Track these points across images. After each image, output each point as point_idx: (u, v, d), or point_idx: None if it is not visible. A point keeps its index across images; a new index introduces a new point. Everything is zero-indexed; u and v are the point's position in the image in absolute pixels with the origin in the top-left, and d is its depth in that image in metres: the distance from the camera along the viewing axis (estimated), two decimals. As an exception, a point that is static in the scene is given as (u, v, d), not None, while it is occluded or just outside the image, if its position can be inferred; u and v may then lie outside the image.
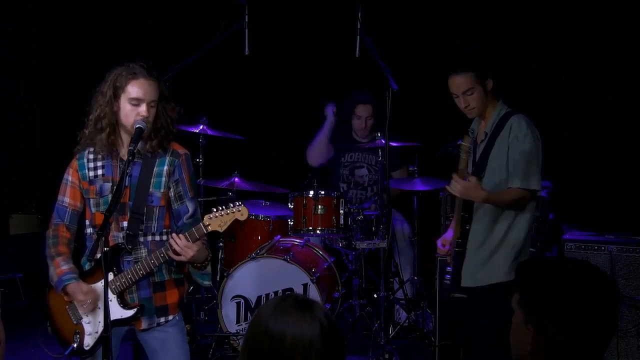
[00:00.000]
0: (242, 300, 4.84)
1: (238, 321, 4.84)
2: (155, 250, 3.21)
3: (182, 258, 3.15)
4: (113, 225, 3.26)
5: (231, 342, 4.84)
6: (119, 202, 3.14)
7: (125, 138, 3.28)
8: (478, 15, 5.87)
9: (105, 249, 3.02)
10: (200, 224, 3.14)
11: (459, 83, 3.65)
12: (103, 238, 3.00)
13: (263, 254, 4.85)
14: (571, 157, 5.69)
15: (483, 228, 3.70)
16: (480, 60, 3.72)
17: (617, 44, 5.49)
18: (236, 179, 5.22)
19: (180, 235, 3.13)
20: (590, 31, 5.54)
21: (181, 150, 3.36)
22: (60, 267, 3.26)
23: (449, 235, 3.83)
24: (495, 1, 5.85)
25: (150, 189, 3.27)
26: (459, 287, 3.77)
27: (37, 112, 7.05)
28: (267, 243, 5.02)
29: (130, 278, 3.21)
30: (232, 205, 3.17)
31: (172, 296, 3.35)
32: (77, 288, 3.21)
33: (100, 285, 3.24)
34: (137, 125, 3.19)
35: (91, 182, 3.31)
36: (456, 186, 3.55)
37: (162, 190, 3.29)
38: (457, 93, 3.67)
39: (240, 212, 3.16)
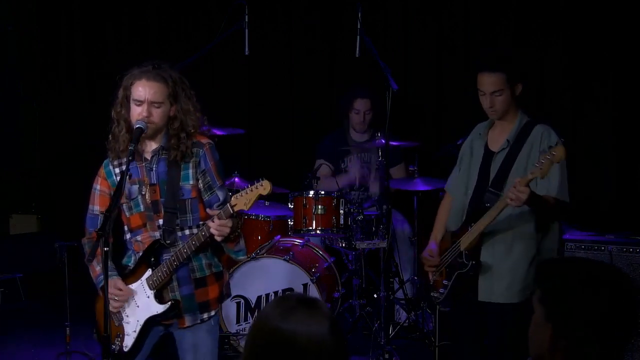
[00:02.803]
0: (242, 300, 4.84)
1: (238, 321, 4.84)
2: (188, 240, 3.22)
3: (219, 237, 3.14)
4: (149, 225, 3.29)
5: (231, 342, 4.84)
6: (118, 201, 3.15)
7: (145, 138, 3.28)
8: (478, 15, 5.85)
9: (106, 249, 3.00)
10: (227, 205, 3.12)
11: (490, 82, 3.47)
12: (103, 238, 2.99)
13: (263, 254, 4.85)
14: (571, 156, 5.66)
15: (508, 239, 3.51)
16: (514, 62, 3.59)
17: (617, 44, 5.48)
18: (236, 179, 5.21)
19: (214, 219, 3.10)
20: (590, 31, 5.53)
21: (204, 140, 3.35)
22: (95, 269, 3.32)
23: (432, 246, 3.72)
24: (495, 1, 5.84)
25: (180, 183, 3.27)
26: (452, 301, 3.65)
27: (37, 112, 7.05)
28: (267, 243, 5.01)
29: (165, 271, 3.23)
30: (255, 181, 3.15)
31: (213, 291, 3.36)
32: (110, 283, 3.22)
33: (137, 284, 3.29)
34: (137, 125, 3.20)
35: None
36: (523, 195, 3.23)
37: (191, 182, 3.29)
38: (485, 91, 3.49)
39: (263, 187, 3.13)
